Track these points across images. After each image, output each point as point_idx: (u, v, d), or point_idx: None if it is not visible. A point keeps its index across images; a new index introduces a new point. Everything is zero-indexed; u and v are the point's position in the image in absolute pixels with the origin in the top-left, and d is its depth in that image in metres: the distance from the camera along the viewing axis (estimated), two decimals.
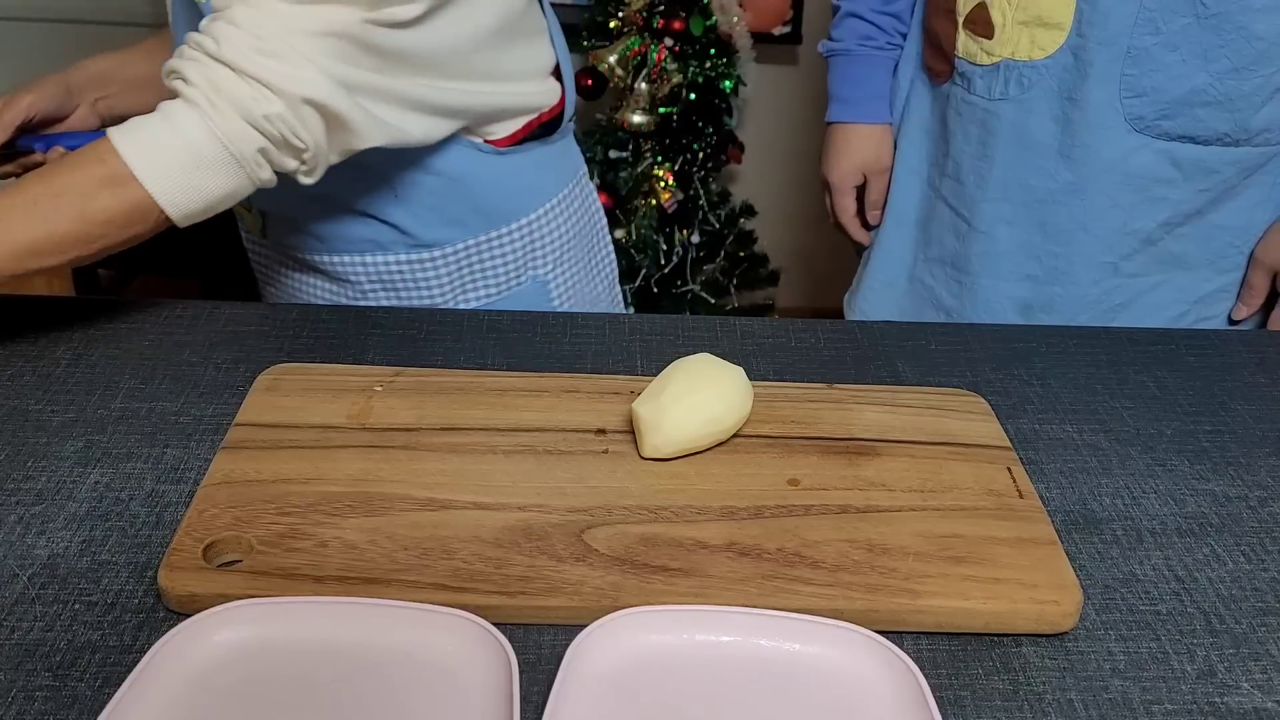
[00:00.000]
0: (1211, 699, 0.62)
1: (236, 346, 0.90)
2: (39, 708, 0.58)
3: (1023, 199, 1.13)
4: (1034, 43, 1.06)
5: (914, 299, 1.26)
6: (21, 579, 0.66)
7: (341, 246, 1.04)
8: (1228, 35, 1.00)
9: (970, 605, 0.65)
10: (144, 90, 1.07)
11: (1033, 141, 1.10)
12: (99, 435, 0.79)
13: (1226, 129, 1.04)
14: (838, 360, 0.93)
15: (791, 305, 2.82)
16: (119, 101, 1.04)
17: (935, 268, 1.23)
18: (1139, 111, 1.04)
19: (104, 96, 1.03)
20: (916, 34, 1.21)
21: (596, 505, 0.71)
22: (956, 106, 1.15)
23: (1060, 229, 1.12)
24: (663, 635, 0.62)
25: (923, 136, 1.22)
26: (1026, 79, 1.08)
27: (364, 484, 0.72)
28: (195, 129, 0.79)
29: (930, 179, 1.22)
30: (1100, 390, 0.91)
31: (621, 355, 0.92)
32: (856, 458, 0.78)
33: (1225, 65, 1.01)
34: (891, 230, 1.27)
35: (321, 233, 1.04)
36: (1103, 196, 1.09)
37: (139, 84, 1.06)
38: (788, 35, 2.61)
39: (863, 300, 1.31)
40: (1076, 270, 1.14)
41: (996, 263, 1.17)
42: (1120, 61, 1.03)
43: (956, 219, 1.18)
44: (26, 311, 0.93)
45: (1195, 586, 0.71)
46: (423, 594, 0.64)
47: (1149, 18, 1.00)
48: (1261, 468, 0.82)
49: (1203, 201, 1.10)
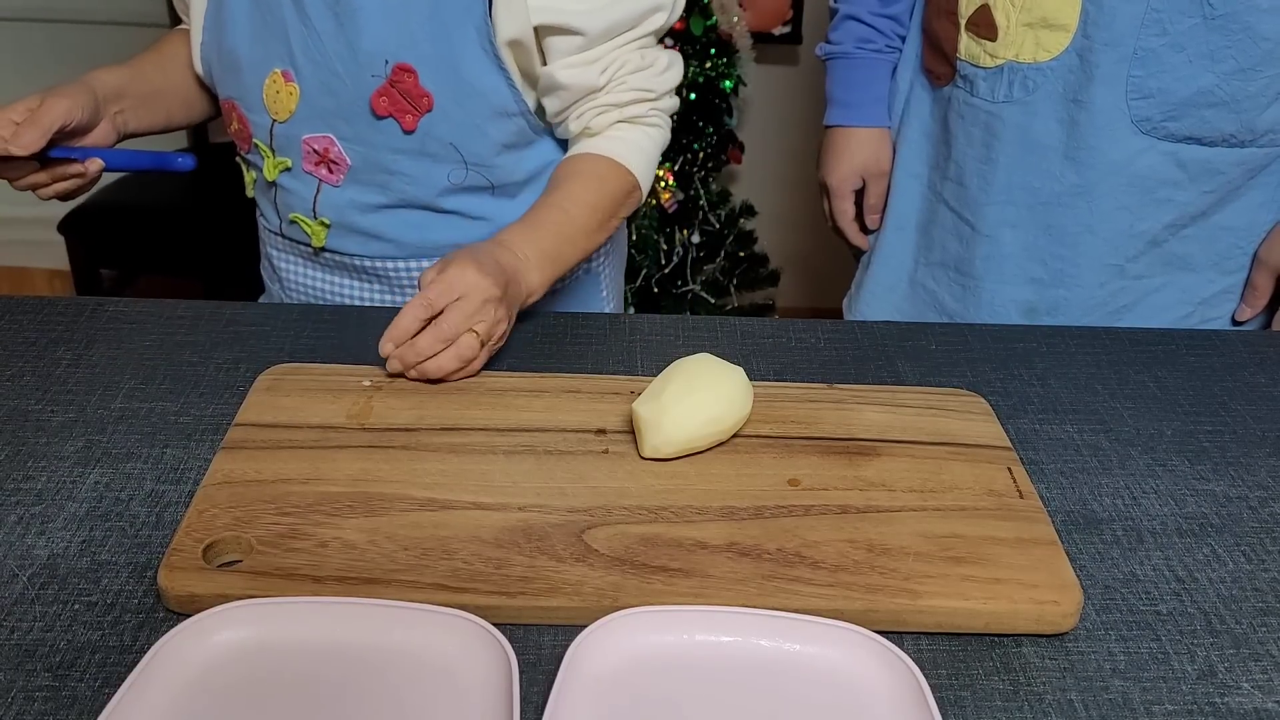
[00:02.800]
0: (1212, 699, 0.62)
1: (236, 346, 0.90)
2: (39, 708, 0.58)
3: (1027, 202, 1.13)
4: (1039, 45, 1.06)
5: (915, 303, 1.26)
6: (21, 579, 0.66)
7: (418, 251, 1.04)
8: (1234, 36, 1.00)
9: (970, 605, 0.65)
10: (156, 104, 1.04)
11: (1037, 144, 1.10)
12: (99, 435, 0.79)
13: (1233, 130, 1.04)
14: (838, 360, 0.93)
15: (791, 305, 2.82)
16: (133, 116, 1.02)
17: (937, 271, 1.22)
18: (1145, 113, 1.04)
19: (121, 110, 1.01)
20: (916, 36, 1.21)
21: (596, 505, 0.71)
22: (958, 109, 1.15)
23: (1066, 232, 1.12)
24: (663, 635, 0.62)
25: (923, 140, 1.22)
26: (1031, 81, 1.08)
27: (364, 484, 0.72)
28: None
29: (931, 182, 1.22)
30: (1100, 390, 0.91)
31: (621, 355, 0.92)
32: (857, 458, 0.78)
33: (1232, 66, 1.01)
34: (891, 234, 1.27)
35: (403, 238, 1.03)
36: (1108, 199, 1.09)
37: (151, 97, 1.04)
38: (788, 35, 2.61)
39: (863, 304, 1.31)
40: (1082, 273, 1.13)
41: (1001, 266, 1.17)
42: (1127, 63, 1.02)
43: (959, 222, 1.18)
44: (26, 311, 0.93)
45: (1195, 587, 0.70)
46: (422, 594, 0.63)
47: (1156, 19, 1.00)
48: (1261, 468, 0.82)
49: (1208, 203, 1.09)
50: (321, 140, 0.98)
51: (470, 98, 0.95)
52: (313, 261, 1.08)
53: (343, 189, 1.00)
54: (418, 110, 0.94)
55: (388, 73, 0.93)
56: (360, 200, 1.01)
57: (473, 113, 0.96)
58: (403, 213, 1.01)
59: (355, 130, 0.97)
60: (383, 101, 0.94)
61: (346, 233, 1.03)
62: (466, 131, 0.97)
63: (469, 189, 1.01)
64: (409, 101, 0.94)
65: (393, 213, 1.01)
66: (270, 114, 0.99)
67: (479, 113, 0.96)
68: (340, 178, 1.00)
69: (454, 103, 0.95)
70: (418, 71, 0.92)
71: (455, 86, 0.94)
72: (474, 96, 0.95)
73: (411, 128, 0.95)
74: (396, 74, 0.92)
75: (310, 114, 0.97)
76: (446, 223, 1.03)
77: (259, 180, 1.06)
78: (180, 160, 0.99)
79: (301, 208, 1.03)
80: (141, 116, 1.03)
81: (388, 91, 0.93)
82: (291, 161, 1.01)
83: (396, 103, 0.94)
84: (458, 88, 0.94)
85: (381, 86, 0.93)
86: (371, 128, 0.96)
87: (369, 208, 1.01)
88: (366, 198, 1.01)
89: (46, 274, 2.67)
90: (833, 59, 1.28)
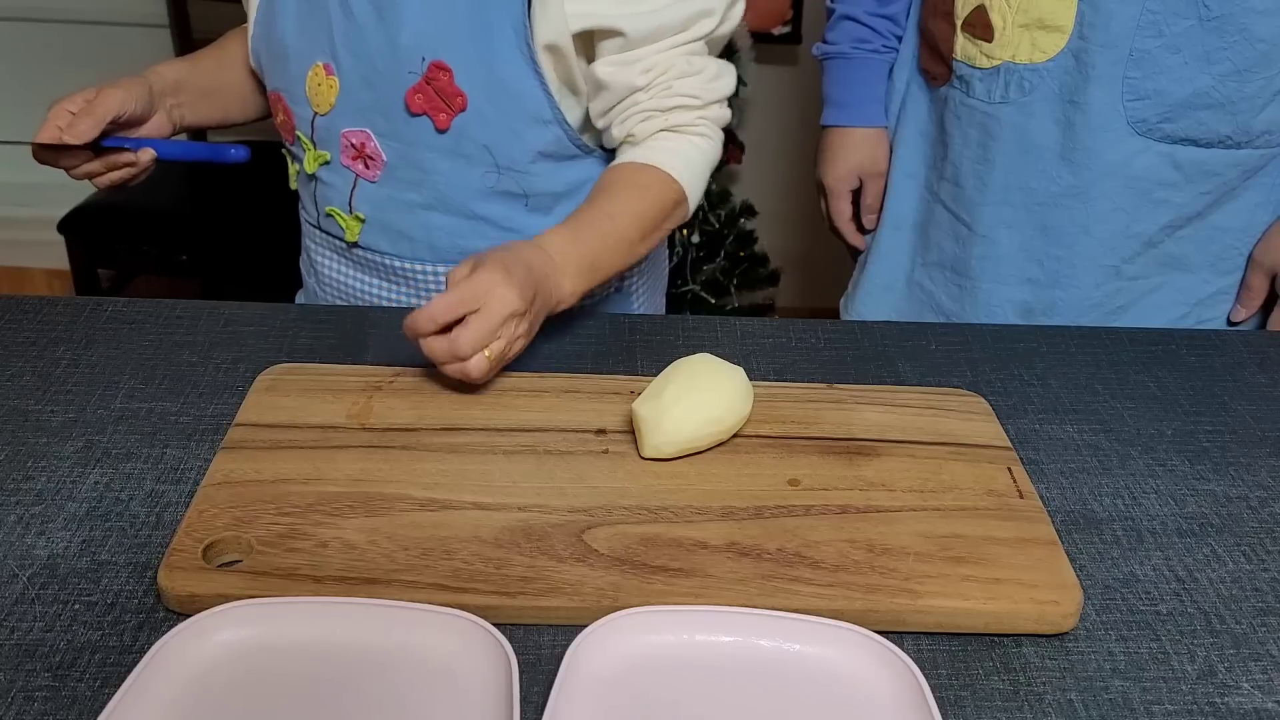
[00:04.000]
0: (1212, 699, 0.62)
1: (236, 346, 0.90)
2: (39, 708, 0.58)
3: (1024, 202, 1.13)
4: (1035, 46, 1.06)
5: (912, 303, 1.26)
6: (21, 579, 0.66)
7: (447, 256, 1.03)
8: (1230, 37, 1.00)
9: (970, 605, 0.65)
10: (214, 99, 1.07)
11: (1033, 145, 1.10)
12: (99, 435, 0.79)
13: (1228, 131, 1.04)
14: (838, 360, 0.93)
15: (791, 305, 2.82)
16: (190, 110, 1.04)
17: (934, 272, 1.23)
18: (1141, 114, 1.04)
19: (178, 104, 1.03)
20: (912, 37, 1.21)
21: (596, 505, 0.71)
22: (955, 110, 1.15)
23: (1062, 232, 1.12)
24: (663, 635, 0.62)
25: (919, 140, 1.22)
26: (1027, 82, 1.08)
27: (364, 484, 0.72)
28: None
29: (928, 182, 1.22)
30: (1100, 390, 0.91)
31: (621, 355, 0.92)
32: (857, 458, 0.78)
33: (1227, 67, 1.01)
34: (889, 234, 1.27)
35: (434, 241, 1.03)
36: (1104, 200, 1.09)
37: (209, 93, 1.06)
38: (788, 35, 2.61)
39: (860, 304, 1.31)
40: (1078, 273, 1.13)
41: (997, 266, 1.17)
42: (1123, 64, 1.03)
43: (956, 223, 1.18)
44: (26, 311, 0.93)
45: (1195, 587, 0.70)
46: (423, 594, 0.63)
47: (1152, 20, 1.00)
48: (1262, 468, 0.82)
49: (1204, 204, 1.09)
50: (359, 134, 0.98)
51: (505, 100, 0.94)
52: (345, 257, 1.08)
53: (379, 185, 1.00)
54: (451, 109, 0.94)
55: (424, 70, 0.92)
56: (396, 197, 1.01)
57: (507, 115, 0.95)
58: (435, 215, 1.01)
59: (392, 126, 0.97)
60: (417, 99, 0.94)
61: (380, 230, 1.03)
62: (501, 134, 0.96)
63: (503, 194, 1.00)
64: (443, 100, 0.93)
65: (426, 214, 1.01)
66: (312, 106, 0.99)
67: (514, 116, 0.96)
68: (377, 173, 1.00)
69: (488, 103, 0.94)
70: (453, 70, 0.92)
71: (490, 87, 0.94)
72: (508, 99, 0.94)
73: (445, 126, 0.95)
74: (432, 71, 0.92)
75: (349, 107, 0.97)
76: (477, 230, 1.02)
77: (300, 172, 1.07)
78: (233, 152, 0.99)
79: (338, 201, 1.03)
80: (199, 110, 1.06)
81: (423, 89, 0.93)
82: (330, 155, 1.01)
83: (431, 100, 0.94)
84: (492, 89, 0.94)
85: (417, 83, 0.93)
86: (407, 124, 0.96)
87: (403, 206, 1.01)
88: (402, 195, 1.00)
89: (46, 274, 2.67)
90: (829, 59, 1.28)
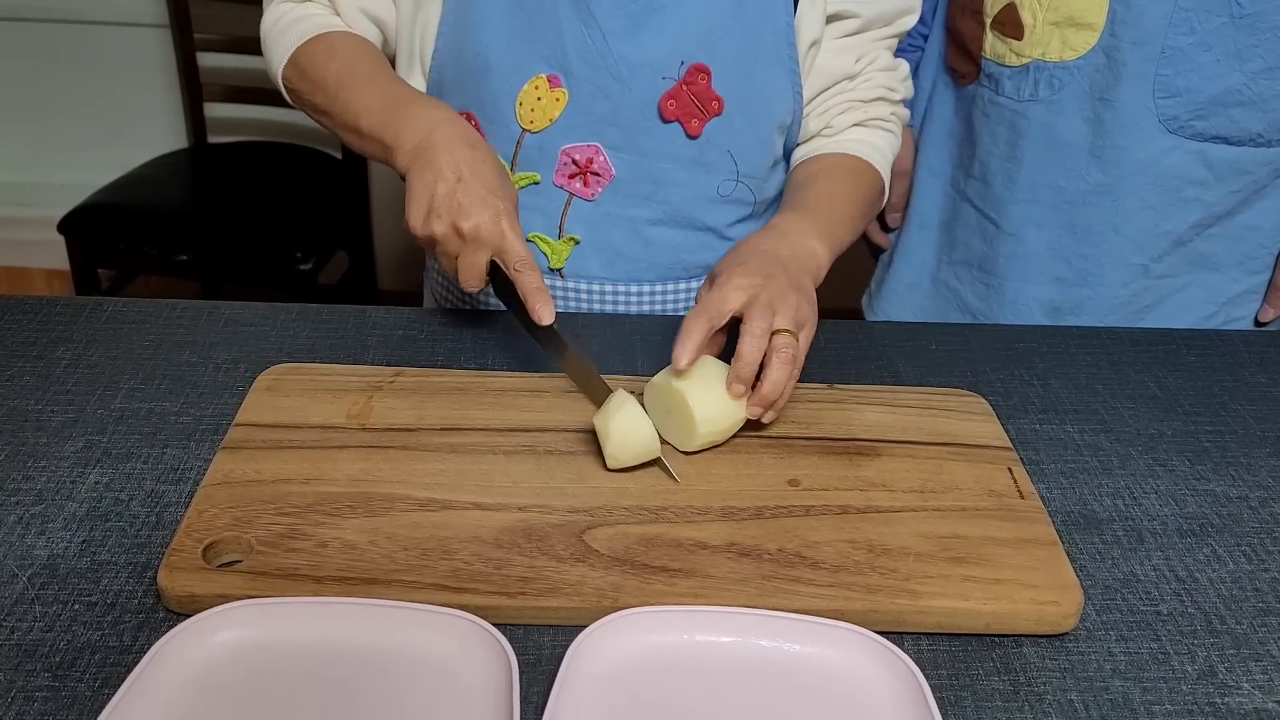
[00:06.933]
0: (1212, 699, 0.62)
1: (236, 346, 0.90)
2: (39, 708, 0.58)
3: (1052, 200, 1.12)
4: (1065, 43, 1.06)
5: (938, 301, 1.26)
6: (21, 579, 0.66)
7: (667, 274, 1.01)
8: (1262, 35, 1.00)
9: (971, 606, 0.65)
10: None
11: (1063, 143, 1.09)
12: (99, 435, 0.79)
13: (1260, 129, 1.04)
14: (838, 360, 0.93)
15: None
16: None
17: (961, 270, 1.22)
18: (1172, 112, 1.04)
19: None
20: (938, 35, 1.21)
21: (596, 506, 0.71)
22: (983, 108, 1.14)
23: (1091, 230, 1.12)
24: (663, 635, 0.62)
25: (946, 138, 1.22)
26: (1057, 80, 1.07)
27: (364, 484, 0.72)
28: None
29: (954, 181, 1.22)
30: (1100, 390, 0.91)
31: (622, 355, 0.92)
32: (857, 458, 0.78)
33: (1259, 65, 1.01)
34: (914, 233, 1.27)
35: (657, 258, 1.00)
36: (1134, 198, 1.09)
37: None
38: None
39: (884, 302, 1.31)
40: (1106, 272, 1.13)
41: (1025, 265, 1.16)
42: (1154, 62, 1.02)
43: (983, 221, 1.18)
44: (26, 311, 0.93)
45: (1196, 587, 0.70)
46: (422, 594, 0.63)
47: (1184, 17, 1.00)
48: (1262, 468, 0.82)
49: (1233, 202, 1.09)
50: (586, 150, 0.95)
51: (756, 104, 0.94)
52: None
53: (597, 203, 0.97)
54: (705, 114, 0.93)
55: (681, 74, 0.91)
56: (617, 214, 0.97)
57: (756, 121, 0.95)
58: (661, 230, 0.99)
59: (629, 137, 0.94)
60: (671, 105, 0.92)
61: (594, 251, 0.99)
62: (746, 140, 0.96)
63: (733, 203, 0.99)
64: (699, 104, 0.92)
65: (652, 229, 0.98)
66: (522, 124, 0.95)
67: (762, 121, 0.96)
68: (597, 191, 0.96)
69: (740, 108, 0.94)
70: (712, 73, 0.91)
71: (746, 91, 0.93)
72: (759, 104, 0.94)
73: (697, 133, 0.93)
74: (691, 75, 0.91)
75: (576, 121, 0.94)
76: (704, 243, 1.00)
77: None
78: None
79: (544, 225, 0.99)
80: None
81: (678, 94, 0.92)
82: (540, 175, 0.97)
83: (685, 106, 0.92)
84: (747, 93, 0.93)
85: (673, 89, 0.91)
86: (649, 134, 0.94)
87: (625, 223, 0.98)
88: (626, 211, 0.97)
89: (46, 274, 2.67)
90: None
